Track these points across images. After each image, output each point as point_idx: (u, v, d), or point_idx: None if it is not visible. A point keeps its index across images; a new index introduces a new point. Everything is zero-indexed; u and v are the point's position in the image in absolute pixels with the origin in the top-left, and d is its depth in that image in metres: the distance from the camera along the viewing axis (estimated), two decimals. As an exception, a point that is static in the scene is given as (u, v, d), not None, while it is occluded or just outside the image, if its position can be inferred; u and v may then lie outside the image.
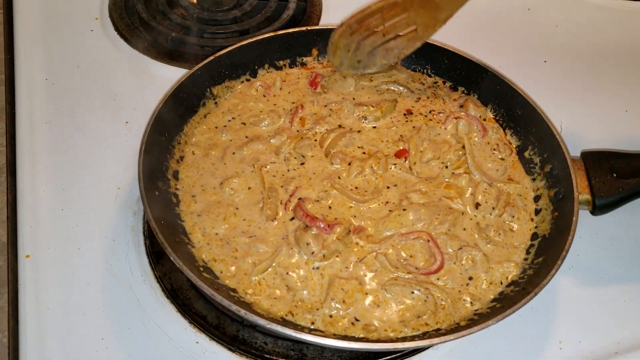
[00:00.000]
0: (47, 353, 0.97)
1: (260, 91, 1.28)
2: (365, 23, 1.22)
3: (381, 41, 1.24)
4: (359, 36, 1.23)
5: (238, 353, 1.00)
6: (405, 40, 1.25)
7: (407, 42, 1.25)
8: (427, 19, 1.21)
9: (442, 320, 0.97)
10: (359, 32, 1.23)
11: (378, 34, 1.23)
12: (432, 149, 1.18)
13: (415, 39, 1.25)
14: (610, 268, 1.14)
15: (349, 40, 1.24)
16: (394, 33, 1.24)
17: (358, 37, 1.23)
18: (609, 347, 1.04)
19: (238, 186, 1.11)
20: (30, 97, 1.31)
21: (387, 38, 1.24)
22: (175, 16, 1.48)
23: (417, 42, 1.25)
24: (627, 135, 1.36)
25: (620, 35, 1.61)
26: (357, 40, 1.24)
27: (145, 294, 1.05)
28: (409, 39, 1.25)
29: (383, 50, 1.26)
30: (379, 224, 1.07)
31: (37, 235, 1.10)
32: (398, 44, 1.25)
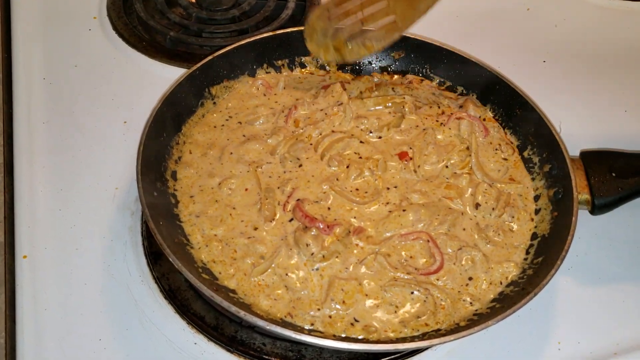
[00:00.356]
0: (45, 354, 0.96)
1: (261, 90, 1.27)
2: (343, 7, 1.18)
3: (359, 29, 1.20)
4: (336, 21, 1.19)
5: (236, 354, 0.99)
6: (383, 32, 1.20)
7: (385, 33, 1.20)
8: (407, 9, 1.17)
9: (442, 321, 0.97)
10: (337, 18, 1.19)
11: (356, 22, 1.19)
12: (437, 151, 1.17)
13: (394, 30, 1.20)
14: (609, 268, 1.14)
15: (326, 24, 1.20)
16: (372, 22, 1.19)
17: (336, 22, 1.19)
18: (608, 348, 1.03)
19: (236, 187, 1.10)
20: (28, 97, 1.30)
21: (365, 27, 1.20)
22: (173, 15, 1.47)
23: (395, 33, 1.21)
24: (626, 135, 1.36)
25: (619, 35, 1.61)
26: (335, 27, 1.20)
27: (144, 294, 1.04)
28: (387, 29, 1.20)
29: (360, 40, 1.21)
30: (379, 225, 1.06)
31: (34, 236, 1.09)
32: (376, 35, 1.21)
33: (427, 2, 1.16)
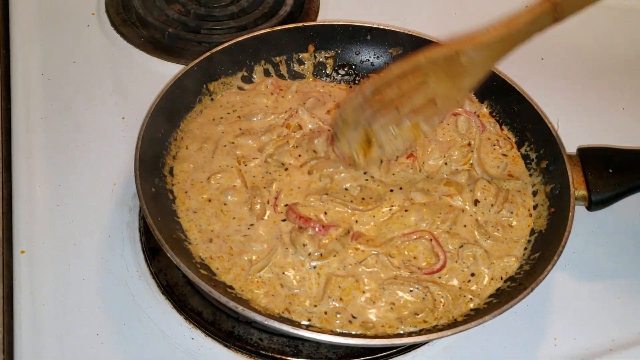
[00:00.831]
0: (43, 349, 0.97)
1: (269, 88, 1.27)
2: (380, 93, 1.03)
3: (394, 117, 1.05)
4: (369, 109, 1.04)
5: (234, 349, 0.99)
6: (422, 116, 1.06)
7: (424, 118, 1.06)
8: (449, 89, 1.03)
9: (440, 317, 0.97)
10: (370, 104, 1.04)
11: (391, 107, 1.05)
12: (439, 148, 1.17)
13: (434, 114, 1.06)
14: (606, 264, 1.14)
15: (359, 114, 1.05)
16: (409, 107, 1.04)
17: (369, 110, 1.05)
18: (604, 344, 1.04)
19: (223, 181, 1.10)
20: (26, 93, 1.30)
21: (401, 113, 1.05)
22: (172, 12, 1.47)
23: (435, 117, 1.07)
24: (623, 132, 1.36)
25: (617, 33, 1.61)
26: (367, 115, 1.05)
27: (141, 290, 1.04)
28: (427, 115, 1.06)
29: (396, 127, 1.06)
30: (382, 227, 1.06)
31: (32, 231, 1.09)
32: (414, 120, 1.06)
33: (473, 77, 1.03)
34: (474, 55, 1.00)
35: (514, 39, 0.99)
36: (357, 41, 1.34)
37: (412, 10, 1.62)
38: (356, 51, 1.35)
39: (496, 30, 0.98)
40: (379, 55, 1.35)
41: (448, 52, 1.00)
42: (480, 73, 1.03)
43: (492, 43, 0.99)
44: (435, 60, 1.01)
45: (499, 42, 0.99)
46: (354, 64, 1.35)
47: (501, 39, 0.98)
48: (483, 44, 0.99)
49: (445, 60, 1.01)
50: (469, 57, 1.00)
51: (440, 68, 1.02)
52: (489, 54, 1.00)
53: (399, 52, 1.34)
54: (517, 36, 0.99)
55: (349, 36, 1.33)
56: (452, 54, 1.00)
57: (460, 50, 1.00)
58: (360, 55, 1.35)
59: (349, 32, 1.33)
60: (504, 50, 1.01)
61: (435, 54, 1.01)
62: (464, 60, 1.00)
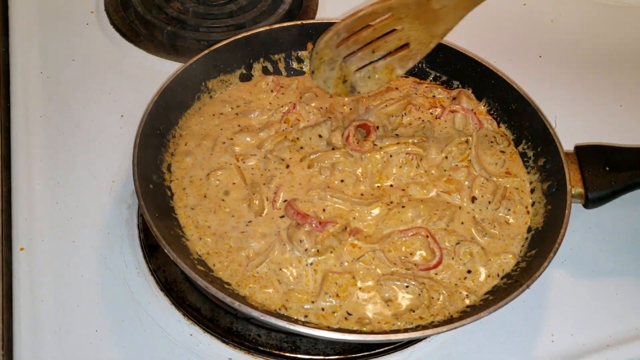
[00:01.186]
0: (42, 345, 0.97)
1: (270, 86, 1.27)
2: (354, 33, 1.07)
3: (369, 59, 1.11)
4: (345, 50, 1.09)
5: (232, 345, 1.00)
6: (396, 60, 1.11)
7: (398, 62, 1.12)
8: (423, 33, 1.07)
9: (436, 313, 0.98)
10: (346, 45, 1.08)
11: (366, 49, 1.09)
12: (436, 144, 1.18)
13: (407, 58, 1.11)
14: (603, 261, 1.15)
15: (334, 53, 1.09)
16: (384, 50, 1.10)
17: (345, 51, 1.09)
18: (600, 340, 1.04)
19: (223, 178, 1.10)
20: (25, 91, 1.31)
21: (376, 56, 1.10)
22: (171, 10, 1.48)
23: (408, 61, 1.12)
24: (621, 130, 1.36)
25: (615, 30, 1.61)
26: (343, 55, 1.10)
27: (140, 286, 1.05)
28: (400, 57, 1.11)
29: (371, 70, 1.12)
30: (379, 222, 1.07)
31: (31, 228, 1.10)
32: (388, 62, 1.12)
33: (446, 24, 1.06)
34: (445, 1, 1.01)
35: None
36: (356, 39, 1.34)
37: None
38: (355, 49, 1.35)
39: None
40: (378, 54, 1.35)
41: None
42: (452, 20, 1.05)
43: None
44: (406, 3, 1.03)
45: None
46: (352, 62, 1.35)
47: None
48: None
49: (417, 4, 1.02)
50: (440, 3, 1.01)
51: (413, 12, 1.04)
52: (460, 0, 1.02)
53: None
54: None
55: (347, 34, 1.34)
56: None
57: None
58: (359, 53, 1.35)
59: (348, 30, 1.33)
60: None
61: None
62: (435, 6, 1.02)
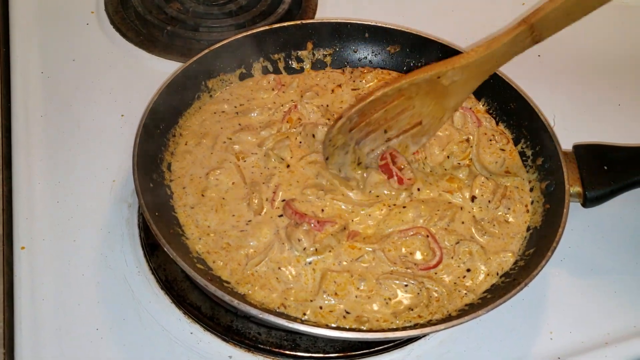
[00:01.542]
0: (43, 343, 0.97)
1: (271, 84, 1.28)
2: (366, 116, 1.05)
3: (382, 139, 1.09)
4: (358, 133, 1.07)
5: (232, 343, 1.00)
6: (409, 137, 1.10)
7: (411, 138, 1.10)
8: (435, 108, 1.06)
9: (435, 312, 0.98)
10: (359, 128, 1.06)
11: (379, 130, 1.08)
12: (438, 143, 1.18)
13: (421, 134, 1.10)
14: (601, 260, 1.15)
15: (347, 137, 1.07)
16: (397, 129, 1.08)
17: (357, 134, 1.07)
18: (599, 338, 1.04)
19: (222, 177, 1.11)
20: (25, 91, 1.31)
21: (389, 135, 1.09)
22: (171, 10, 1.48)
23: (422, 137, 1.11)
24: (620, 130, 1.37)
25: (614, 30, 1.61)
26: (356, 139, 1.07)
27: (140, 285, 1.05)
28: (414, 134, 1.10)
29: (385, 148, 1.11)
30: (381, 223, 1.07)
31: (32, 227, 1.10)
32: (401, 140, 1.10)
33: (457, 98, 1.06)
34: (455, 77, 1.02)
35: (494, 60, 1.01)
36: (355, 39, 1.35)
37: (409, 7, 1.63)
38: (354, 49, 1.35)
39: (476, 53, 1.00)
40: (377, 53, 1.36)
41: (429, 75, 1.02)
42: (463, 93, 1.06)
43: (472, 65, 1.01)
44: (417, 83, 1.03)
45: (479, 64, 1.01)
46: (352, 61, 1.36)
47: (481, 60, 1.00)
48: (463, 66, 1.01)
49: (427, 82, 1.03)
50: (450, 79, 1.02)
51: (423, 90, 1.04)
52: (470, 75, 1.02)
53: (397, 49, 1.35)
54: (497, 58, 1.01)
55: (347, 34, 1.34)
56: (433, 77, 1.02)
57: (441, 72, 1.01)
58: (358, 52, 1.36)
59: (347, 30, 1.34)
60: (484, 71, 1.03)
61: (417, 78, 1.02)
62: (445, 82, 1.03)
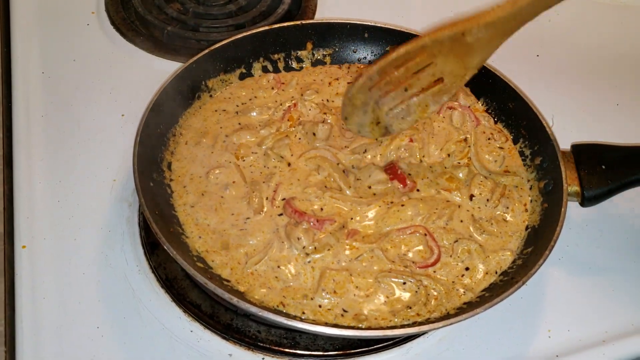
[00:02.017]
0: (44, 341, 0.98)
1: (271, 83, 1.29)
2: (386, 74, 1.04)
3: (402, 97, 1.07)
4: (377, 91, 1.05)
5: (232, 341, 1.01)
6: (430, 95, 1.07)
7: (432, 97, 1.07)
8: (457, 66, 1.04)
9: (433, 310, 0.98)
10: (378, 86, 1.05)
11: (399, 88, 1.06)
12: (436, 141, 1.19)
13: (442, 92, 1.07)
14: (599, 258, 1.16)
15: (367, 96, 1.06)
16: (417, 87, 1.06)
17: (377, 92, 1.05)
18: (597, 336, 1.05)
19: (222, 176, 1.11)
20: (26, 91, 1.31)
21: (409, 93, 1.06)
22: (171, 10, 1.49)
23: (443, 95, 1.08)
24: (618, 129, 1.37)
25: (612, 30, 1.62)
26: (376, 97, 1.06)
27: (141, 283, 1.06)
28: (435, 92, 1.07)
29: (405, 108, 1.08)
30: (379, 221, 1.07)
31: (33, 226, 1.11)
32: (422, 99, 1.08)
33: (481, 55, 1.02)
34: (479, 34, 0.99)
35: (520, 17, 0.98)
36: (355, 39, 1.35)
37: (409, 8, 1.63)
38: (354, 49, 1.36)
39: (501, 10, 0.98)
40: (377, 53, 1.36)
41: (453, 32, 1.00)
42: (487, 51, 1.03)
43: (498, 22, 0.98)
44: (440, 41, 1.01)
45: (505, 21, 0.98)
46: (351, 61, 1.36)
47: (507, 17, 0.98)
48: (488, 23, 0.98)
49: (451, 40, 1.01)
50: (475, 37, 1.00)
51: (447, 47, 1.01)
52: (495, 32, 1.00)
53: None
54: (523, 14, 0.98)
55: (346, 34, 1.35)
56: (457, 34, 1.00)
57: (465, 30, 0.99)
58: (358, 52, 1.36)
59: (347, 30, 1.34)
60: (510, 29, 1.00)
61: (441, 35, 1.00)
62: (469, 40, 1.00)
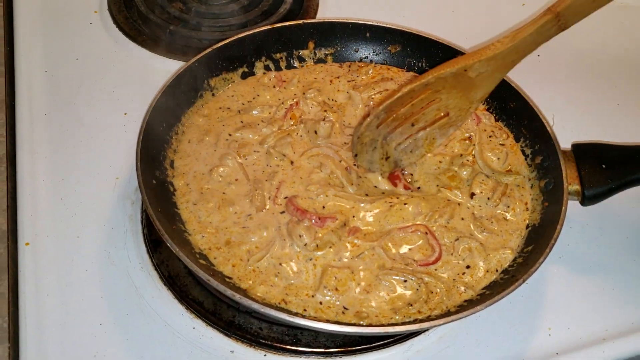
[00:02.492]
0: (47, 338, 0.99)
1: (272, 81, 1.29)
2: (393, 112, 1.06)
3: (409, 132, 1.10)
4: (385, 128, 1.08)
5: (234, 338, 1.01)
6: (437, 128, 1.11)
7: (439, 130, 1.11)
8: (461, 101, 1.07)
9: (434, 308, 0.99)
10: (386, 124, 1.07)
11: (406, 123, 1.08)
12: None
13: (448, 125, 1.11)
14: (599, 257, 1.16)
15: (375, 133, 1.08)
16: (424, 121, 1.09)
17: (385, 129, 1.08)
18: (597, 334, 1.05)
19: (226, 174, 1.12)
20: (29, 89, 1.32)
21: (416, 127, 1.09)
22: (173, 9, 1.49)
23: (449, 128, 1.11)
24: (618, 129, 1.38)
25: (613, 30, 1.62)
26: (384, 134, 1.08)
27: (143, 281, 1.07)
28: (441, 125, 1.10)
29: (412, 142, 1.12)
30: (381, 219, 1.08)
31: (36, 224, 1.11)
32: (429, 133, 1.11)
33: (483, 89, 1.06)
34: (481, 69, 1.02)
35: (520, 50, 1.01)
36: (357, 38, 1.36)
37: (410, 7, 1.64)
38: (355, 48, 1.37)
39: (502, 44, 1.00)
40: (378, 52, 1.37)
41: (456, 69, 1.02)
42: (489, 85, 1.06)
43: (499, 56, 1.00)
44: (443, 77, 1.03)
45: (505, 55, 1.01)
46: (353, 60, 1.37)
47: (507, 51, 1.00)
48: (490, 58, 1.01)
49: (453, 76, 1.03)
50: (477, 72, 1.02)
51: (450, 84, 1.04)
52: (497, 66, 1.02)
53: (398, 49, 1.36)
54: (523, 47, 1.01)
55: (348, 33, 1.35)
56: (459, 70, 1.02)
57: (467, 65, 1.01)
58: (360, 52, 1.37)
59: (348, 30, 1.35)
60: (511, 62, 1.03)
61: (443, 72, 1.02)
62: (472, 75, 1.03)
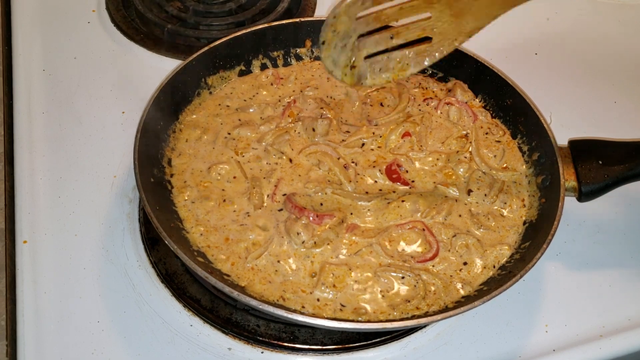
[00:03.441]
0: (45, 335, 0.99)
1: (269, 79, 1.29)
2: (380, 2, 0.95)
3: (385, 45, 1.01)
4: (363, 25, 0.97)
5: (231, 335, 1.02)
6: (413, 54, 1.02)
7: (415, 56, 1.02)
8: (449, 27, 0.98)
9: (432, 304, 0.99)
10: (366, 20, 0.97)
11: (384, 33, 0.99)
12: (433, 136, 1.20)
13: (425, 54, 1.02)
14: (596, 254, 1.16)
15: (351, 25, 0.96)
16: (403, 38, 1.00)
17: (362, 26, 0.97)
18: (594, 330, 1.06)
19: (224, 172, 1.12)
20: (27, 88, 1.32)
21: (393, 43, 1.00)
22: (171, 8, 1.50)
23: (425, 58, 1.03)
24: (615, 126, 1.38)
25: (610, 28, 1.63)
26: (359, 32, 0.98)
27: (141, 278, 1.07)
28: (418, 52, 1.02)
29: (383, 60, 1.02)
30: (379, 216, 1.08)
31: (34, 222, 1.12)
32: (404, 55, 1.02)
33: (476, 22, 0.97)
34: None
35: None
36: (354, 36, 1.36)
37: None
38: (352, 46, 1.36)
39: None
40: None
41: None
42: (485, 17, 0.98)
43: None
44: None
45: None
46: (350, 59, 1.37)
47: None
48: None
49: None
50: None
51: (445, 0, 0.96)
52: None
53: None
54: None
55: (345, 32, 1.35)
56: None
57: None
58: (356, 50, 1.37)
59: (345, 28, 1.35)
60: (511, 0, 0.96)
61: None
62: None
